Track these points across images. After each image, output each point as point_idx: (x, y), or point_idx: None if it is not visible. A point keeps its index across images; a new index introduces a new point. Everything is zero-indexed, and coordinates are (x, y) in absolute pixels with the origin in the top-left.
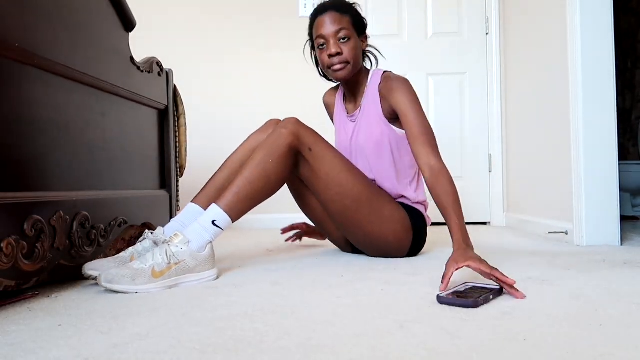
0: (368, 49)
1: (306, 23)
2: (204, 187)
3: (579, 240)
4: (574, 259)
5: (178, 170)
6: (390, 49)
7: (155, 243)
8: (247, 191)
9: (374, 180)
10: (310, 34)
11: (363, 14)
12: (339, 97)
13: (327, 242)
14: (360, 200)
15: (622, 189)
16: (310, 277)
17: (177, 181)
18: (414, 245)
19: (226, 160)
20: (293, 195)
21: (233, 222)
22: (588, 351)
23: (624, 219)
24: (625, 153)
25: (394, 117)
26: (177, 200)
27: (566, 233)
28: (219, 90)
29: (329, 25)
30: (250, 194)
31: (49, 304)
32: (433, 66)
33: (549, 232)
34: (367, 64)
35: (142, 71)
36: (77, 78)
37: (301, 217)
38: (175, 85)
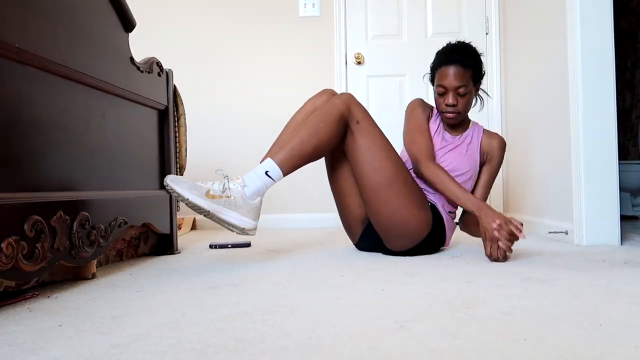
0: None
1: (306, 23)
2: (270, 149)
3: (579, 240)
4: (574, 259)
5: (178, 170)
6: (390, 49)
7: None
8: (299, 149)
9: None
10: (433, 73)
11: (483, 60)
12: (437, 113)
13: (327, 242)
14: (394, 180)
15: (622, 189)
16: (311, 277)
17: None
18: (426, 241)
19: (287, 123)
20: (327, 165)
21: (284, 175)
22: (588, 351)
23: (624, 218)
24: (625, 153)
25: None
26: (177, 201)
27: (566, 233)
28: (219, 90)
29: (451, 79)
30: (302, 152)
31: (49, 304)
32: None
33: (549, 232)
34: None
35: (142, 71)
36: (77, 78)
37: (300, 218)
38: (175, 86)
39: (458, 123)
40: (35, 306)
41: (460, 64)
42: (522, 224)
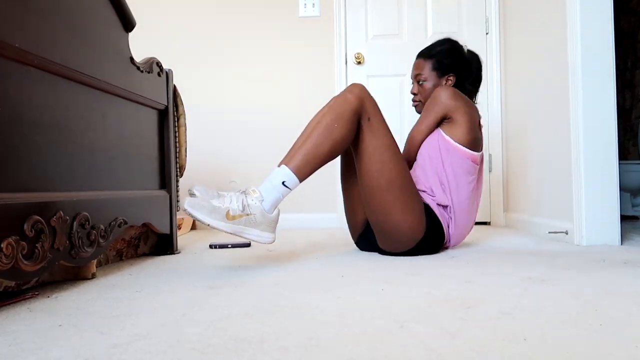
0: (468, 85)
1: (306, 23)
2: (290, 148)
3: (579, 240)
4: (574, 259)
5: (178, 170)
6: (390, 49)
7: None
8: (314, 154)
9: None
10: None
11: (471, 47)
12: None
13: (327, 241)
14: (394, 184)
15: (622, 189)
16: (311, 277)
17: (177, 181)
18: (419, 245)
19: (311, 119)
20: (342, 162)
21: (301, 182)
22: (588, 351)
23: (624, 218)
24: (625, 153)
25: (445, 121)
26: (177, 200)
27: (566, 233)
28: (219, 90)
29: (413, 69)
30: (317, 156)
31: (49, 304)
32: None
33: (549, 232)
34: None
35: (142, 71)
36: (77, 78)
37: (300, 218)
38: (175, 85)
39: None
40: (35, 306)
41: (420, 56)
42: None
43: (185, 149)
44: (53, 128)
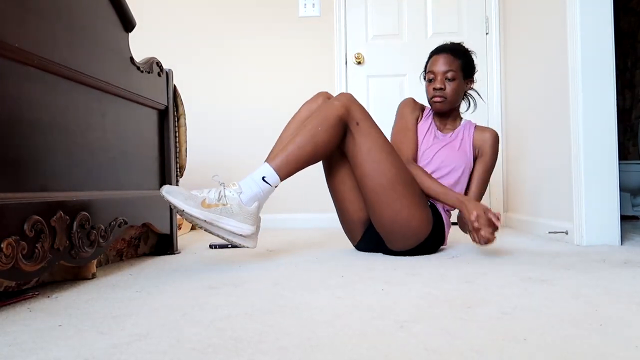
0: (470, 92)
1: (306, 23)
2: (274, 146)
3: (579, 240)
4: (574, 259)
5: (178, 170)
6: (390, 49)
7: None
8: (296, 154)
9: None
10: (425, 66)
11: (476, 61)
12: (428, 112)
13: (327, 242)
14: (396, 181)
15: (622, 189)
16: (311, 277)
17: (177, 181)
18: (427, 240)
19: (284, 128)
20: (324, 167)
21: (282, 180)
22: (588, 351)
23: (624, 218)
24: (625, 153)
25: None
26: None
27: (566, 233)
28: (219, 90)
29: (441, 64)
30: (299, 157)
31: (49, 304)
32: None
33: (549, 232)
34: (464, 106)
35: (142, 71)
36: (77, 78)
37: (300, 218)
38: (175, 86)
39: (449, 120)
40: (35, 306)
41: (449, 52)
42: (499, 214)
43: (185, 149)
44: (53, 128)
